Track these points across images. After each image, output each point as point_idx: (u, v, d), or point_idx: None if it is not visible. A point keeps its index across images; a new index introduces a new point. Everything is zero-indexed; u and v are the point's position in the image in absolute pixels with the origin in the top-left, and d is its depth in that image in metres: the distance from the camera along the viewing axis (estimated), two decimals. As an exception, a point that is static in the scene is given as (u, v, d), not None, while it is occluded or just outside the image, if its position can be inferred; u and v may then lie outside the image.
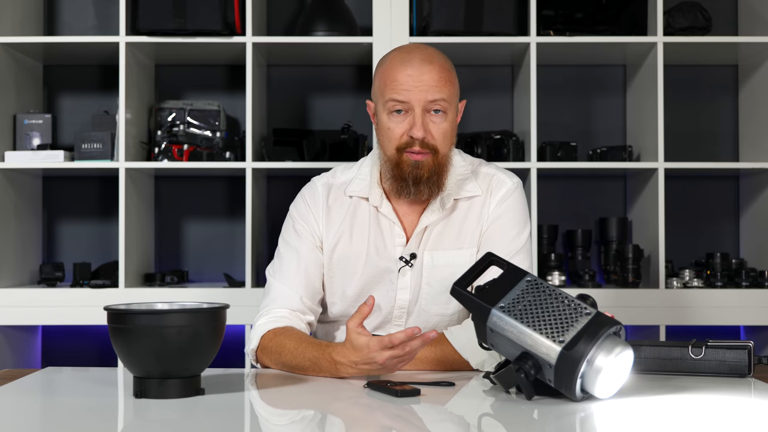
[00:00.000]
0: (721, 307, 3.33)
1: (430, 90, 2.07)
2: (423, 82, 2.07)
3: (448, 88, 2.10)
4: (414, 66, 2.09)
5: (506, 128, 3.67)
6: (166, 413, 1.63)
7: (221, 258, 3.72)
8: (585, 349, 1.65)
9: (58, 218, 3.75)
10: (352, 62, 3.68)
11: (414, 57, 2.10)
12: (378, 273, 2.18)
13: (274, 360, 2.07)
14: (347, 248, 2.19)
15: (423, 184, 2.11)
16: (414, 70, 2.08)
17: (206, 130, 3.50)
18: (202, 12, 3.29)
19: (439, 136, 2.10)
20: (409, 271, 2.16)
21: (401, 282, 2.17)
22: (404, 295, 2.17)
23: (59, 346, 3.67)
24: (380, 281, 2.18)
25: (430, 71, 2.08)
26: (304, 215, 2.22)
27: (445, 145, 2.12)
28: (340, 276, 2.20)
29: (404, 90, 2.07)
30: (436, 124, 2.10)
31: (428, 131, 2.09)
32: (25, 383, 1.92)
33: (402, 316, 2.18)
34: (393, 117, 2.10)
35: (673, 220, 3.62)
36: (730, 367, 1.96)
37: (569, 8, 3.44)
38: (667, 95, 3.50)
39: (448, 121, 2.11)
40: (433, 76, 2.08)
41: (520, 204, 2.21)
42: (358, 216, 2.20)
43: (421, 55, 2.11)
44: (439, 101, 2.08)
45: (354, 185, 2.21)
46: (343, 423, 1.66)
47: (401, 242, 2.17)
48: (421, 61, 2.09)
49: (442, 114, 2.10)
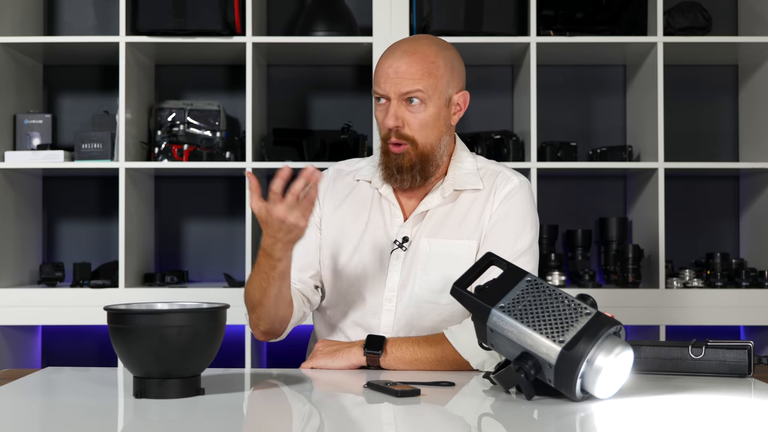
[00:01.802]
0: (721, 307, 3.33)
1: (404, 81, 2.11)
2: (399, 73, 2.11)
3: (427, 80, 2.12)
4: (394, 57, 2.13)
5: (506, 128, 3.67)
6: (166, 413, 1.63)
7: (221, 258, 3.72)
8: (585, 349, 1.65)
9: (58, 218, 3.75)
10: (352, 62, 3.68)
11: (397, 48, 2.16)
12: (373, 254, 2.19)
13: (249, 309, 2.13)
14: (345, 227, 2.22)
15: (405, 173, 2.15)
16: (393, 61, 2.13)
17: (206, 130, 3.50)
18: (202, 12, 3.29)
19: (415, 126, 2.13)
20: (402, 254, 2.18)
21: (393, 264, 2.18)
22: (394, 276, 2.17)
23: (59, 346, 3.67)
24: (374, 263, 2.19)
25: (408, 63, 2.12)
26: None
27: (424, 135, 2.14)
28: (337, 256, 2.22)
29: (382, 81, 2.13)
30: (412, 114, 2.13)
31: (404, 121, 2.13)
32: (25, 383, 1.92)
33: (392, 299, 2.18)
34: (378, 107, 2.16)
35: (673, 220, 3.62)
36: (730, 367, 1.96)
37: (569, 8, 3.45)
38: (667, 95, 3.50)
39: (428, 112, 2.13)
40: (411, 67, 2.11)
41: (526, 203, 2.21)
42: (360, 198, 2.24)
43: (405, 46, 2.15)
44: (414, 92, 2.11)
45: (363, 171, 2.28)
46: (343, 423, 1.66)
47: (399, 223, 2.19)
48: (402, 52, 2.13)
49: (420, 104, 2.12)
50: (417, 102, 2.12)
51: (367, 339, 2.10)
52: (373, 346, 2.08)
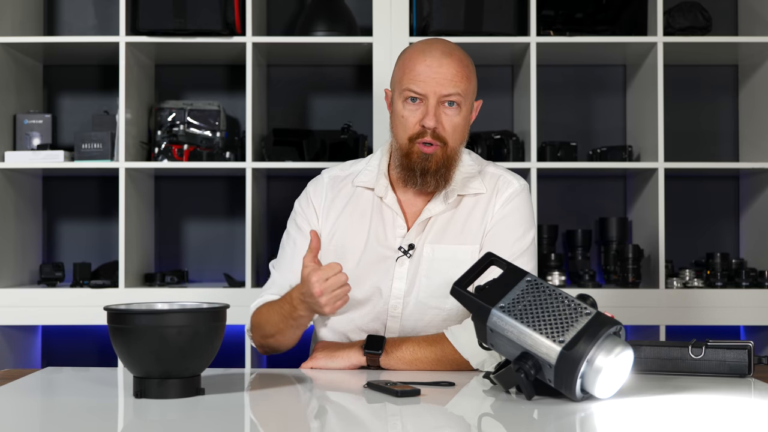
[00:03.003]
0: (721, 307, 3.33)
1: (446, 83, 2.10)
2: (440, 74, 2.11)
3: (464, 84, 2.13)
4: (433, 57, 2.12)
5: (506, 128, 3.67)
6: (166, 413, 1.63)
7: (221, 258, 3.72)
8: (585, 349, 1.65)
9: (58, 218, 3.75)
10: (352, 62, 3.68)
11: (434, 49, 2.14)
12: (376, 262, 2.18)
13: (258, 333, 2.18)
14: (346, 237, 2.21)
15: (430, 176, 2.14)
16: (433, 61, 2.12)
17: (206, 130, 3.50)
18: (202, 12, 3.29)
19: (450, 129, 2.13)
20: (407, 261, 2.18)
21: (398, 272, 2.17)
22: (400, 284, 2.17)
23: (59, 346, 3.67)
24: (378, 270, 2.18)
25: (448, 64, 2.12)
26: (305, 209, 2.27)
27: (455, 138, 2.15)
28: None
29: (421, 81, 2.11)
30: (449, 117, 2.13)
31: (440, 122, 2.12)
32: (25, 383, 1.92)
33: (398, 306, 2.18)
34: (408, 105, 2.13)
35: (673, 220, 3.62)
36: (730, 367, 1.96)
37: (569, 8, 3.44)
38: (667, 95, 3.50)
39: (461, 116, 2.14)
40: (451, 69, 2.11)
41: (526, 206, 2.22)
42: (360, 206, 2.23)
43: (442, 48, 2.15)
44: (454, 95, 2.11)
45: (362, 176, 2.25)
46: (343, 423, 1.66)
47: (402, 233, 2.19)
48: (441, 53, 2.13)
49: (456, 107, 2.13)
50: (454, 105, 2.12)
51: (366, 339, 2.11)
52: (372, 346, 2.09)
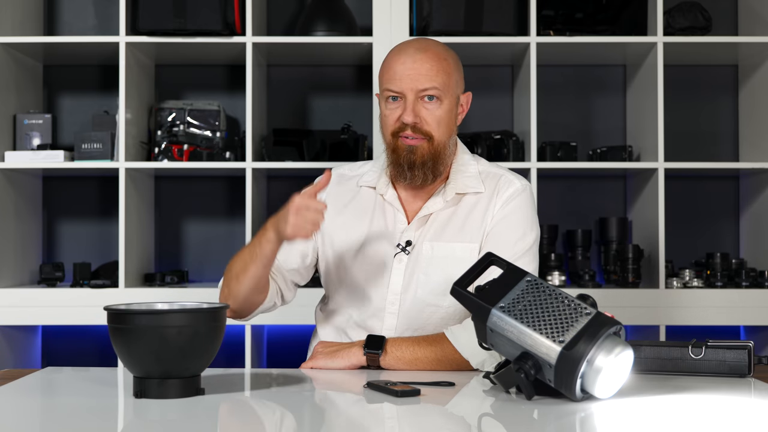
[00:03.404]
0: (721, 307, 3.33)
1: (421, 78, 2.12)
2: (414, 70, 2.13)
3: (442, 77, 2.14)
4: (407, 54, 2.15)
5: (506, 128, 3.67)
6: (166, 413, 1.63)
7: (221, 258, 3.71)
8: (585, 349, 1.65)
9: (58, 218, 3.75)
10: (352, 62, 3.68)
11: (409, 47, 2.17)
12: (376, 258, 2.19)
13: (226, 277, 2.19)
14: (348, 232, 2.23)
15: (417, 169, 2.15)
16: (407, 59, 2.14)
17: (206, 130, 3.50)
18: (202, 12, 3.29)
19: (433, 122, 2.15)
20: (406, 257, 2.18)
21: (396, 268, 2.18)
22: (397, 280, 2.18)
23: (59, 346, 3.67)
24: (377, 266, 2.19)
25: (422, 60, 2.14)
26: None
27: (441, 131, 2.16)
28: (341, 261, 2.22)
29: (397, 79, 2.14)
30: (429, 111, 2.14)
31: (421, 117, 2.14)
32: (25, 383, 1.92)
33: (395, 302, 2.18)
34: (388, 104, 2.16)
35: (673, 220, 3.62)
36: (730, 367, 1.96)
37: (569, 8, 3.44)
38: (667, 95, 3.50)
39: (443, 109, 2.15)
40: (425, 64, 2.13)
41: (527, 206, 2.22)
42: (363, 203, 2.25)
43: (417, 45, 2.18)
44: (431, 89, 2.13)
45: (366, 177, 2.28)
46: (343, 423, 1.66)
47: (402, 228, 2.20)
48: (414, 50, 2.15)
49: (437, 101, 2.14)
50: (434, 99, 2.14)
51: (366, 339, 2.11)
52: (372, 346, 2.09)
